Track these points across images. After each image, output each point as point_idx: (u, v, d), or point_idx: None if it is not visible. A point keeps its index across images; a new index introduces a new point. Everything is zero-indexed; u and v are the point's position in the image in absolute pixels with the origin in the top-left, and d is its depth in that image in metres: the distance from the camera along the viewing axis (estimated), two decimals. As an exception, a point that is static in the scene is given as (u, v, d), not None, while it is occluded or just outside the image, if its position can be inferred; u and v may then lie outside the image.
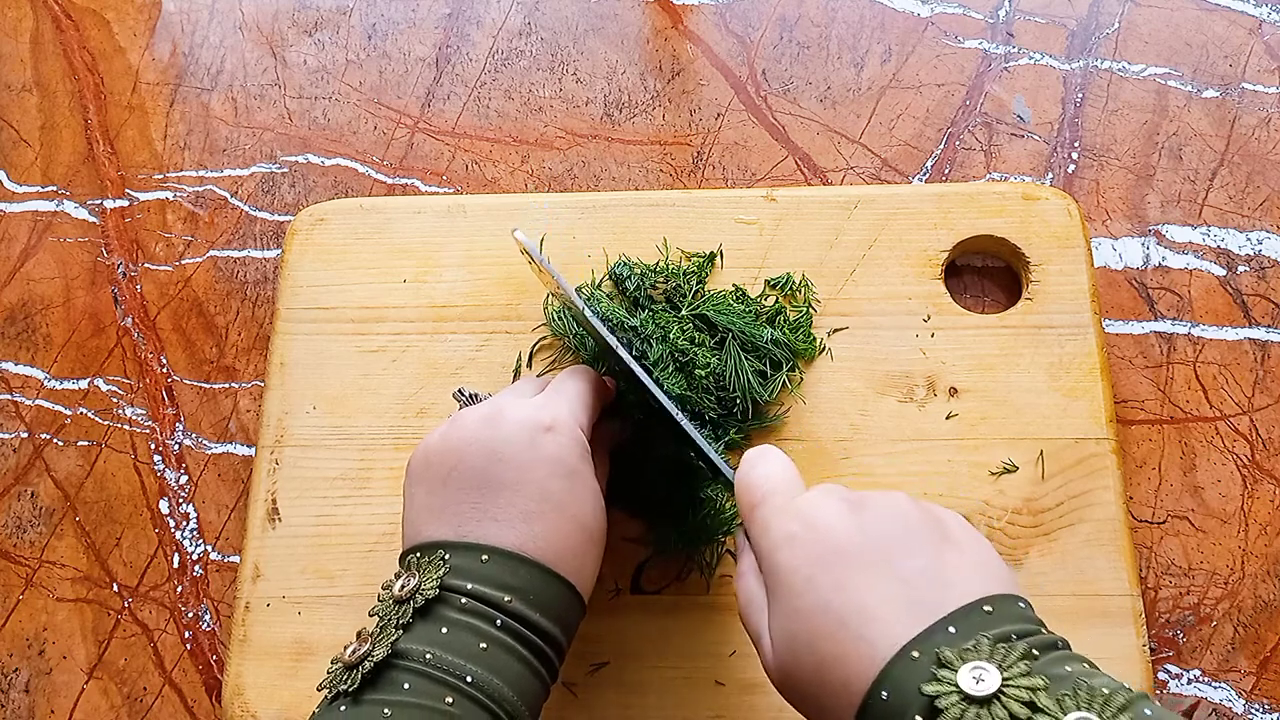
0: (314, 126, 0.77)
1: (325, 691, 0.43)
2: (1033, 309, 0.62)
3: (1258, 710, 0.57)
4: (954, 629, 0.36)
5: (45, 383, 0.70)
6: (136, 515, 0.66)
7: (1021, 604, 0.38)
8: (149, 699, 0.62)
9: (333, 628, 0.59)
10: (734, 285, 0.64)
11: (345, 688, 0.41)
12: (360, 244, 0.67)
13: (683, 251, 0.65)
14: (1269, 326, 0.65)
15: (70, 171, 0.77)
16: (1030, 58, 0.74)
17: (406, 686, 0.41)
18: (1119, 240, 0.67)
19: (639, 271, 0.64)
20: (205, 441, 0.68)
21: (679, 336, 0.59)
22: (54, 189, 0.76)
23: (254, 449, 0.65)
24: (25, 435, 0.69)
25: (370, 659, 0.41)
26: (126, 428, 0.68)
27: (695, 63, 0.76)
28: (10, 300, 0.73)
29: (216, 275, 0.72)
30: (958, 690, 0.34)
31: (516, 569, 0.44)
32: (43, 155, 0.78)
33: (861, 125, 0.73)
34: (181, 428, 0.68)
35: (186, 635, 0.63)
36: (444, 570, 0.43)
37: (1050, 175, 0.70)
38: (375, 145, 0.75)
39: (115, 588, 0.65)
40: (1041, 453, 0.59)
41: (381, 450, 0.62)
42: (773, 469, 0.45)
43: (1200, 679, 0.58)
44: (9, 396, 0.70)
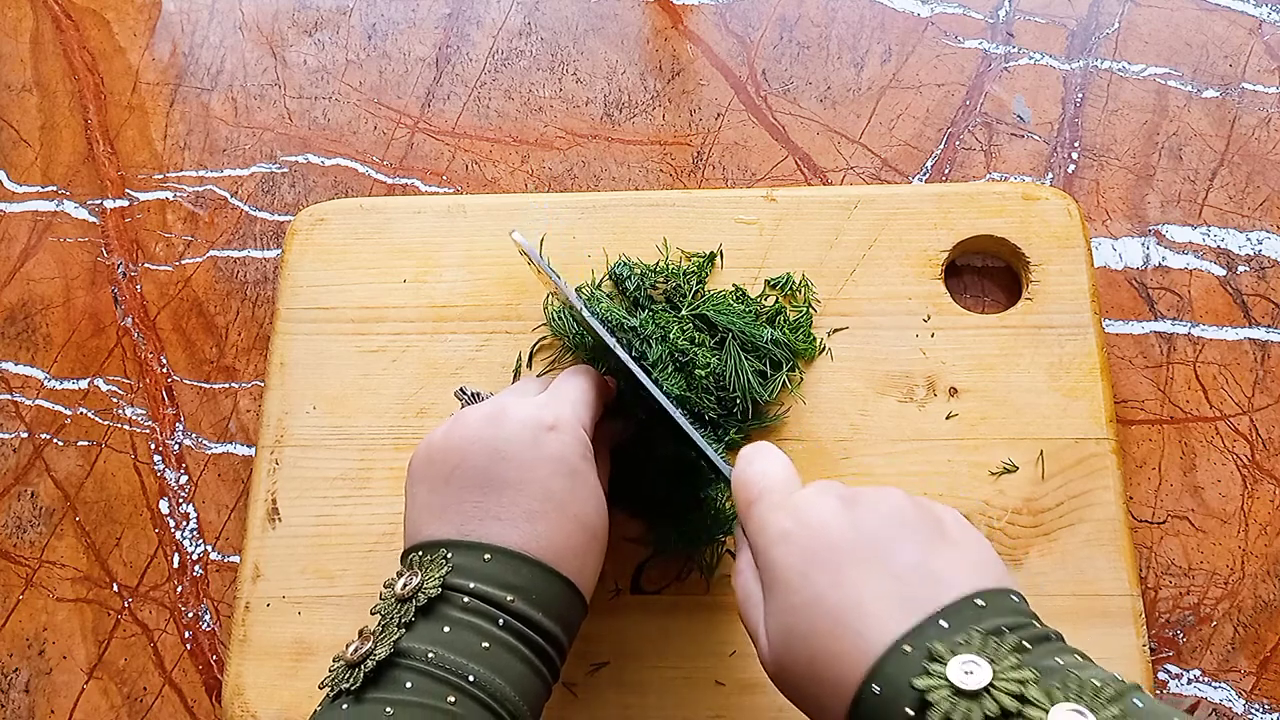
0: (314, 126, 0.77)
1: (327, 690, 0.43)
2: (1033, 309, 0.62)
3: (1258, 710, 0.57)
4: (946, 623, 0.36)
5: (45, 383, 0.70)
6: (136, 515, 0.66)
7: (1015, 598, 0.39)
8: (149, 699, 0.62)
9: (333, 628, 0.59)
10: (734, 285, 0.64)
11: (347, 686, 0.41)
12: (360, 244, 0.67)
13: (683, 251, 0.65)
14: (1269, 326, 0.65)
15: (70, 171, 0.77)
16: (1030, 58, 0.74)
17: (409, 685, 0.41)
18: (1119, 240, 0.67)
19: (639, 271, 0.64)
20: (205, 441, 0.68)
21: (679, 336, 0.59)
22: (54, 189, 0.76)
23: (254, 449, 0.65)
24: (25, 435, 0.69)
25: (372, 657, 0.41)
26: (126, 428, 0.68)
27: (695, 63, 0.76)
28: (10, 300, 0.73)
29: (216, 275, 0.72)
30: (948, 684, 0.34)
31: (519, 568, 0.44)
32: (43, 155, 0.78)
33: (861, 125, 0.73)
34: (181, 428, 0.68)
35: (186, 635, 0.63)
36: (446, 569, 0.43)
37: (1050, 175, 0.70)
38: (375, 145, 0.75)
39: (115, 588, 0.65)
40: (1041, 453, 0.59)
41: (381, 450, 0.62)
42: (769, 466, 0.46)
43: (1200, 679, 0.58)
44: (9, 396, 0.70)
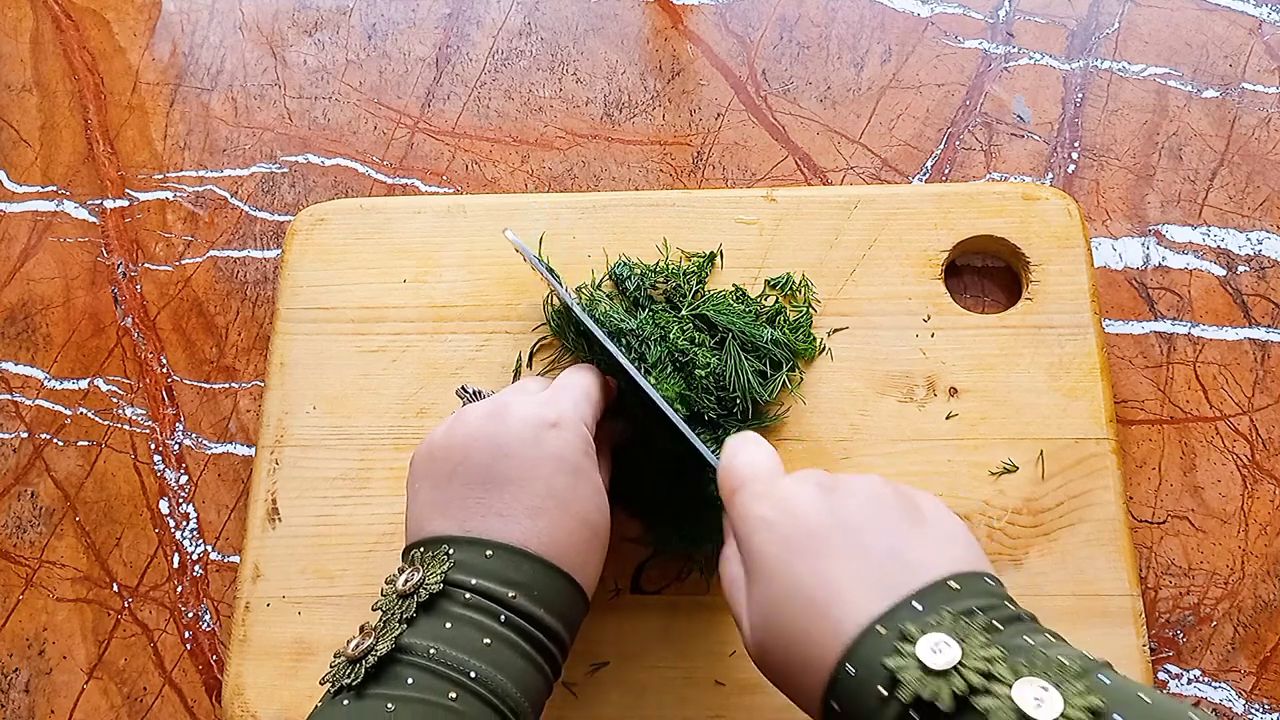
0: (314, 126, 0.77)
1: (328, 685, 0.43)
2: (1033, 309, 0.62)
3: (1258, 710, 0.57)
4: (920, 605, 0.37)
5: (45, 383, 0.70)
6: (136, 515, 0.66)
7: (989, 581, 0.39)
8: (149, 699, 0.62)
9: (333, 628, 0.59)
10: (734, 285, 0.64)
11: (348, 681, 0.41)
12: (360, 244, 0.67)
13: (683, 251, 0.65)
14: (1269, 326, 0.65)
15: (70, 171, 0.77)
16: (1030, 58, 0.74)
17: (410, 681, 0.41)
18: (1119, 240, 0.68)
19: (639, 271, 0.64)
20: (205, 441, 0.67)
21: (679, 337, 0.59)
22: (54, 189, 0.76)
23: (254, 449, 0.65)
24: (25, 435, 0.69)
25: (374, 653, 0.41)
26: (126, 428, 0.68)
27: (695, 63, 0.76)
28: (10, 300, 0.73)
29: (216, 275, 0.72)
30: (917, 662, 0.35)
31: (520, 564, 0.44)
32: (43, 155, 0.78)
33: (861, 125, 0.73)
34: (181, 428, 0.68)
35: (186, 635, 0.63)
36: (448, 565, 0.44)
37: (1050, 175, 0.70)
38: (375, 145, 0.75)
39: (115, 588, 0.65)
40: (1041, 453, 0.59)
41: (381, 450, 0.62)
42: (753, 456, 0.47)
43: (1200, 679, 0.58)
44: (9, 396, 0.70)
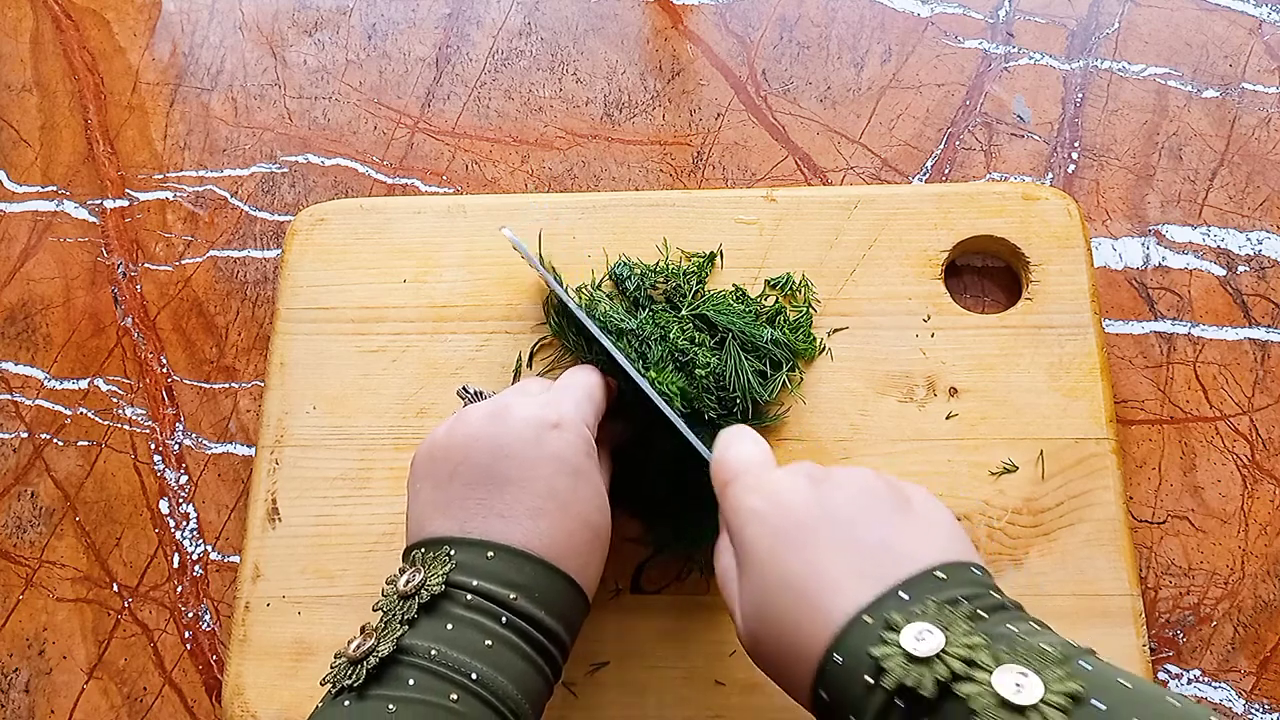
0: (314, 126, 0.77)
1: (329, 686, 0.43)
2: (1033, 309, 0.62)
3: (1258, 710, 0.57)
4: (906, 595, 0.38)
5: (45, 383, 0.70)
6: (136, 515, 0.66)
7: (976, 571, 0.40)
8: (149, 699, 0.62)
9: (333, 628, 0.59)
10: (734, 285, 0.64)
11: (349, 682, 0.41)
12: (360, 244, 0.67)
13: (683, 251, 0.65)
14: (1269, 326, 0.65)
15: (70, 171, 0.77)
16: (1030, 58, 0.74)
17: (411, 682, 0.41)
18: (1119, 240, 0.68)
19: (639, 271, 0.64)
20: (205, 441, 0.67)
21: (679, 336, 0.59)
22: (54, 189, 0.76)
23: (254, 449, 0.65)
24: (25, 435, 0.69)
25: (375, 654, 0.41)
26: (126, 428, 0.68)
27: (695, 63, 0.76)
28: (10, 300, 0.73)
29: (216, 275, 0.72)
30: (901, 651, 0.36)
31: (522, 566, 0.44)
32: (43, 155, 0.78)
33: (861, 125, 0.73)
34: (181, 428, 0.68)
35: (186, 635, 0.63)
36: (449, 566, 0.44)
37: (1050, 175, 0.70)
38: (375, 145, 0.75)
39: (115, 588, 0.65)
40: (1041, 453, 0.59)
41: (381, 450, 0.62)
42: (745, 449, 0.47)
43: (1200, 679, 0.58)
44: (9, 396, 0.70)
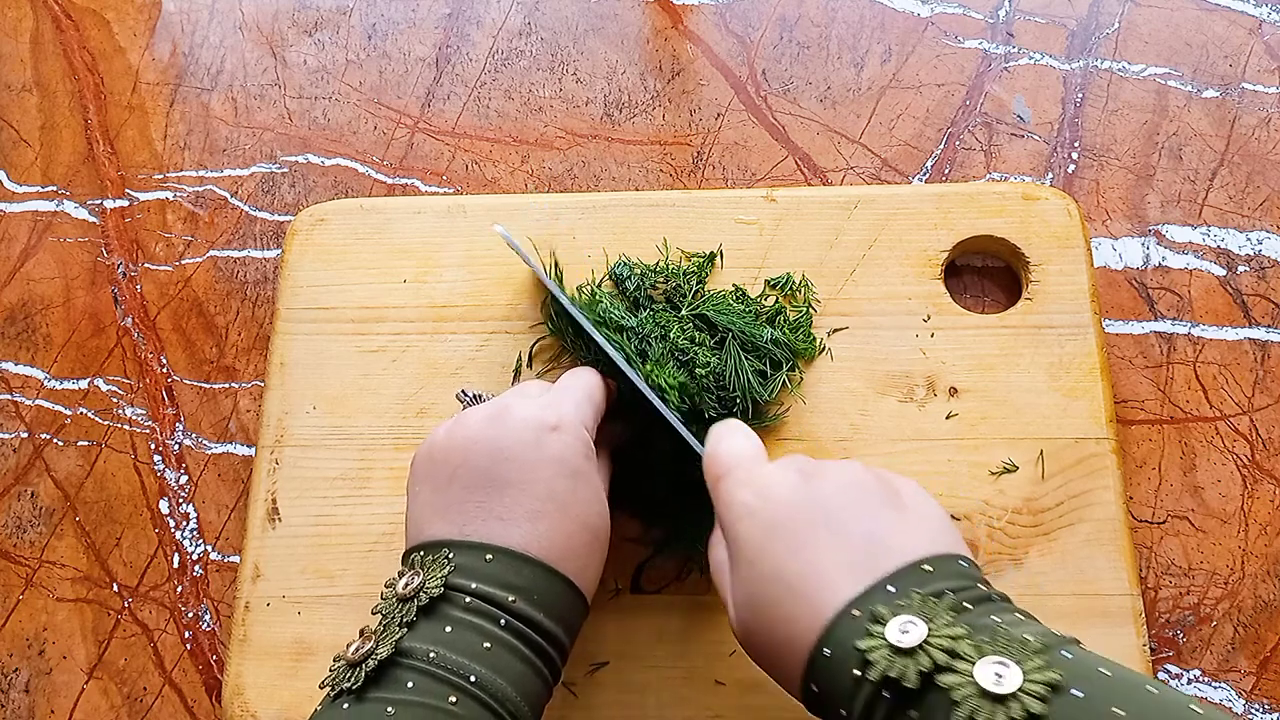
0: (314, 126, 0.77)
1: (328, 689, 0.43)
2: (1033, 309, 0.62)
3: (1258, 710, 0.57)
4: (893, 588, 0.38)
5: (45, 383, 0.70)
6: (136, 515, 0.66)
7: (963, 563, 0.40)
8: (149, 699, 0.62)
9: (333, 628, 0.59)
10: (734, 285, 0.64)
11: (348, 685, 0.41)
12: (360, 244, 0.67)
13: (683, 251, 0.65)
14: (1269, 326, 0.65)
15: (70, 171, 0.77)
16: (1030, 58, 0.74)
17: (410, 685, 0.41)
18: (1119, 240, 0.68)
19: (639, 271, 0.64)
20: (205, 441, 0.68)
21: (679, 336, 0.59)
22: (54, 189, 0.76)
23: (254, 449, 0.65)
24: (25, 435, 0.69)
25: (374, 657, 0.41)
26: (126, 428, 0.68)
27: (695, 63, 0.76)
28: (10, 300, 0.73)
29: (216, 275, 0.72)
30: (886, 643, 0.36)
31: (521, 568, 0.44)
32: (43, 155, 0.78)
33: (861, 125, 0.73)
34: (181, 428, 0.68)
35: (186, 635, 0.63)
36: (448, 569, 0.44)
37: (1050, 175, 0.70)
38: (375, 145, 0.75)
39: (115, 588, 0.65)
40: (1041, 453, 0.59)
41: (381, 450, 0.62)
42: (737, 444, 0.48)
43: (1200, 679, 0.58)
44: (9, 396, 0.70)
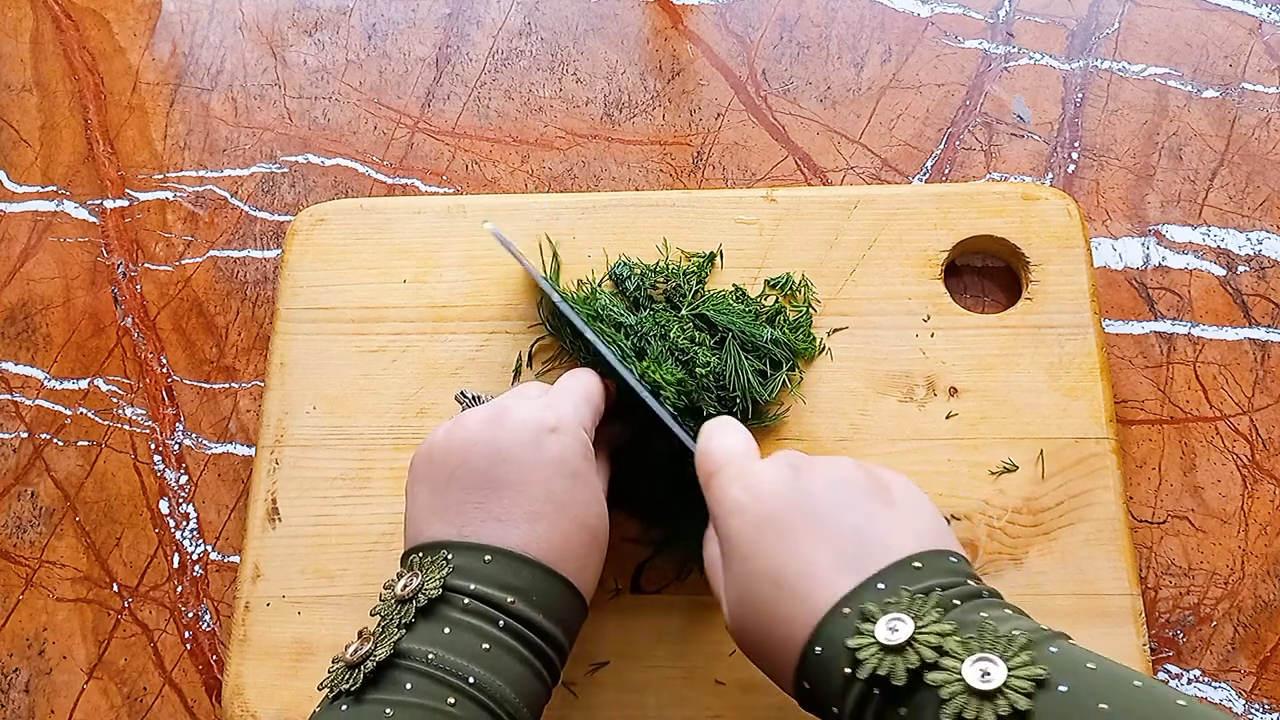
0: (314, 126, 0.77)
1: (326, 691, 0.43)
2: (1033, 309, 0.62)
3: (1258, 710, 0.57)
4: (883, 585, 0.38)
5: (45, 383, 0.70)
6: (136, 515, 0.66)
7: (953, 559, 0.40)
8: (149, 699, 0.62)
9: (333, 628, 0.59)
10: (734, 285, 0.64)
11: (347, 687, 0.41)
12: (360, 244, 0.67)
13: (683, 251, 0.65)
14: (1269, 326, 0.65)
15: (70, 171, 0.77)
16: (1030, 58, 0.74)
17: (409, 686, 0.41)
18: (1119, 240, 0.67)
19: (639, 271, 0.64)
20: (205, 441, 0.68)
21: (679, 336, 0.59)
22: (54, 189, 0.76)
23: (254, 449, 0.65)
24: (25, 435, 0.69)
25: (372, 658, 0.41)
26: (126, 428, 0.68)
27: (695, 63, 0.76)
28: (10, 300, 0.73)
29: (216, 275, 0.72)
30: (875, 641, 0.36)
31: (519, 569, 0.44)
32: (43, 155, 0.78)
33: (861, 125, 0.73)
34: (181, 428, 0.68)
35: (186, 635, 0.63)
36: (447, 570, 0.43)
37: (1050, 175, 0.70)
38: (375, 145, 0.75)
39: (115, 588, 0.65)
40: (1041, 452, 0.59)
41: (381, 450, 0.62)
42: (728, 440, 0.48)
43: (1200, 679, 0.58)
44: (9, 396, 0.70)
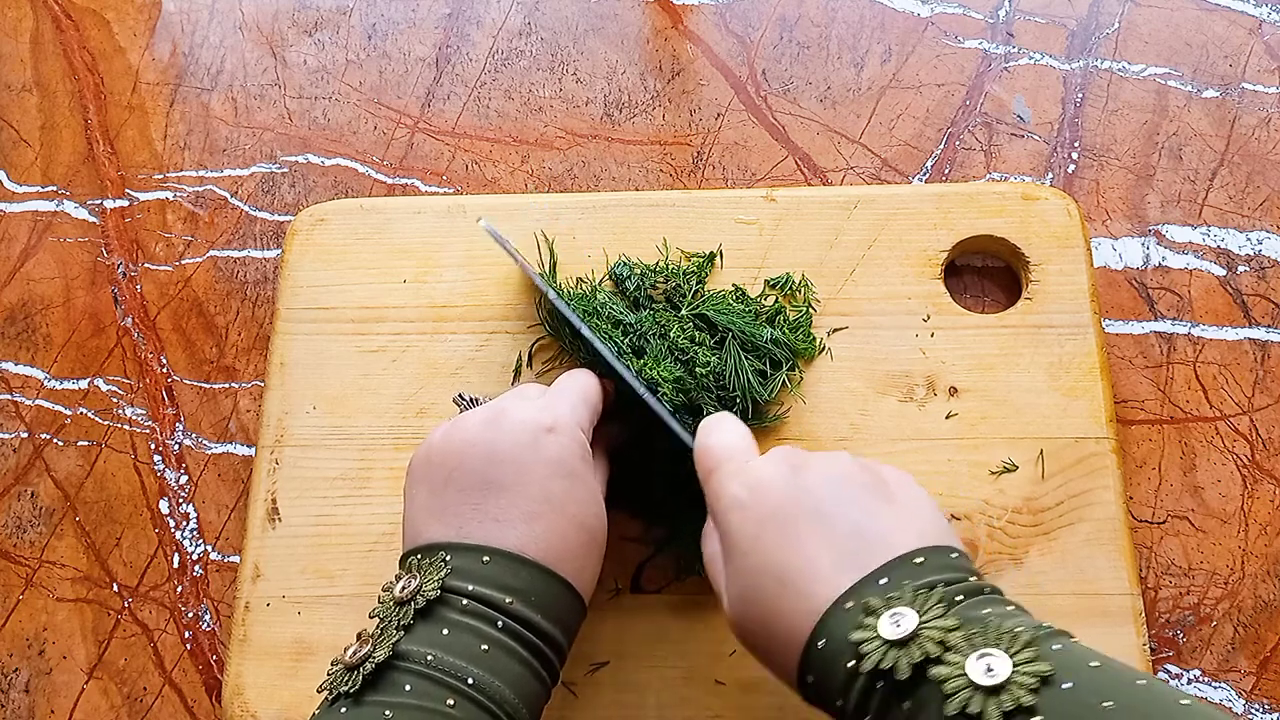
0: (314, 126, 0.77)
1: (325, 693, 0.43)
2: (1032, 309, 0.62)
3: (1258, 710, 0.57)
4: (885, 580, 0.39)
5: (45, 383, 0.70)
6: (136, 515, 0.66)
7: (954, 555, 0.40)
8: (149, 699, 0.62)
9: (333, 628, 0.59)
10: (734, 285, 0.64)
11: (346, 689, 0.41)
12: (360, 244, 0.67)
13: (683, 251, 0.65)
14: (1269, 326, 0.65)
15: (70, 171, 0.77)
16: (1030, 58, 0.74)
17: (408, 688, 0.41)
18: (1119, 240, 0.67)
19: (639, 271, 0.64)
20: (205, 441, 0.68)
21: (679, 336, 0.59)
22: (54, 189, 0.76)
23: (254, 449, 0.65)
24: (25, 435, 0.69)
25: (371, 660, 0.41)
26: (126, 428, 0.68)
27: (695, 63, 0.76)
28: (10, 300, 0.73)
29: (216, 275, 0.72)
30: (878, 636, 0.36)
31: (518, 570, 0.44)
32: (43, 155, 0.78)
33: (861, 125, 0.73)
34: (181, 428, 0.68)
35: (186, 635, 0.63)
36: (445, 571, 0.43)
37: (1050, 175, 0.70)
38: (375, 145, 0.75)
39: (115, 588, 0.65)
40: (1041, 452, 0.59)
41: (381, 450, 0.62)
42: (727, 437, 0.48)
43: (1200, 679, 0.58)
44: (9, 396, 0.70)
